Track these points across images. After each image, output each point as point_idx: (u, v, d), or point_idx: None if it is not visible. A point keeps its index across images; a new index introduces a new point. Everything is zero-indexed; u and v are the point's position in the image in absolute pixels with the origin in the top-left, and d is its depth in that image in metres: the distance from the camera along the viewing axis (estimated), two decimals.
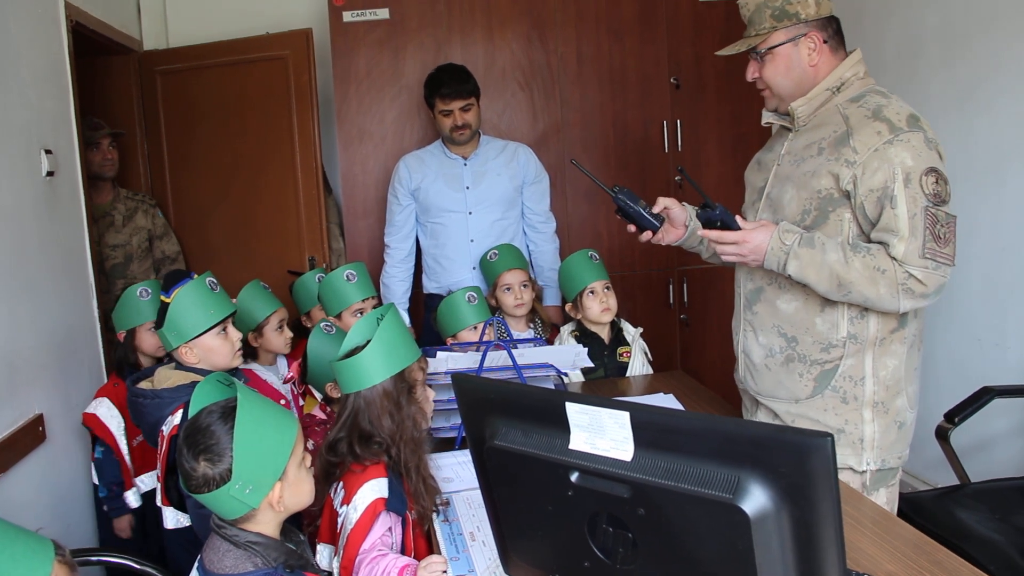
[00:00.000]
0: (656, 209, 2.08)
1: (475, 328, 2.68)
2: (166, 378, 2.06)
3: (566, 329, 2.88)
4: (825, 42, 1.90)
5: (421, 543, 1.75)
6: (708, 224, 1.93)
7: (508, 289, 2.98)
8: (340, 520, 1.65)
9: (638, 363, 2.82)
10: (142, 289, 2.63)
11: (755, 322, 2.05)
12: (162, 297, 2.09)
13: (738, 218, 1.91)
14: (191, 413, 1.50)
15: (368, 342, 1.70)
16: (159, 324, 2.08)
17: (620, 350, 2.82)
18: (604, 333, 2.82)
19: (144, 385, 2.07)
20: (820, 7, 1.89)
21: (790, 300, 1.96)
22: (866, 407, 1.91)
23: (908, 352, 1.93)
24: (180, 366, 2.08)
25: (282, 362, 2.83)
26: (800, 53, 1.90)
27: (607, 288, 2.80)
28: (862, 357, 1.90)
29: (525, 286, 3.00)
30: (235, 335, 2.15)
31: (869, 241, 1.84)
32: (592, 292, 2.78)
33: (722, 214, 1.91)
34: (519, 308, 2.98)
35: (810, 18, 1.88)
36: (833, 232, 1.86)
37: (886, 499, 1.97)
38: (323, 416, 2.31)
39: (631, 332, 2.87)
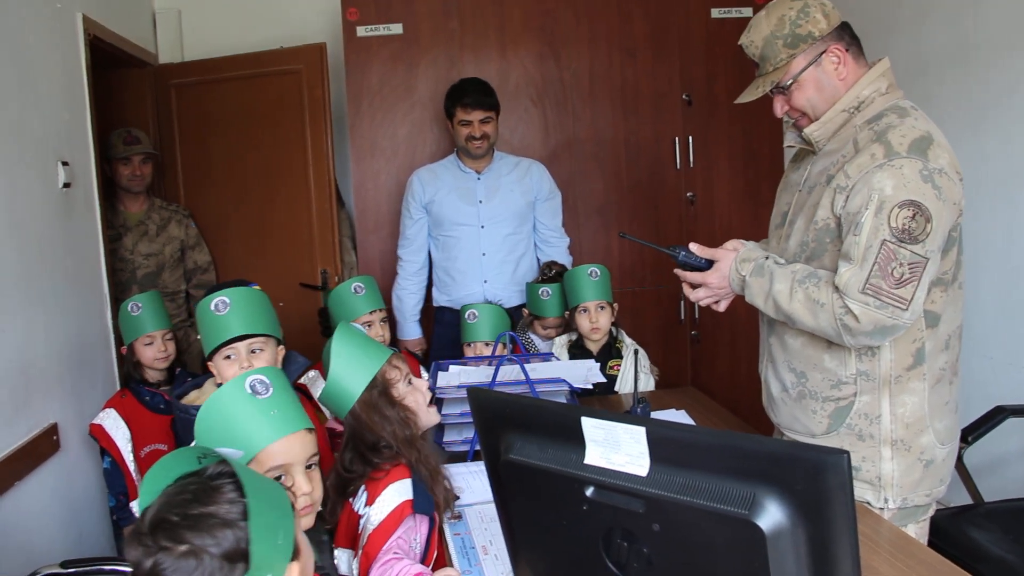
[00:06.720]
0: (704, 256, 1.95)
1: (488, 344, 2.68)
2: (203, 393, 2.03)
3: (560, 341, 2.89)
4: (847, 50, 1.77)
5: (442, 549, 1.74)
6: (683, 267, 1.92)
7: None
8: (361, 522, 1.64)
9: (629, 376, 2.75)
10: (132, 304, 2.64)
11: (772, 354, 1.97)
12: None
13: (710, 250, 1.88)
14: None
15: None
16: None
17: (611, 363, 2.81)
18: (595, 347, 2.82)
19: (192, 395, 2.06)
20: (830, 18, 1.77)
21: (796, 335, 1.85)
22: (884, 445, 1.80)
23: (933, 388, 1.81)
24: None
25: None
26: (826, 71, 1.78)
27: (600, 307, 2.78)
28: (878, 395, 1.79)
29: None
30: (244, 361, 1.97)
31: None
32: (584, 310, 2.78)
33: (684, 257, 1.89)
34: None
35: (824, 33, 1.76)
36: (832, 265, 1.75)
37: (915, 534, 1.84)
38: (341, 428, 2.31)
39: (629, 346, 2.84)
